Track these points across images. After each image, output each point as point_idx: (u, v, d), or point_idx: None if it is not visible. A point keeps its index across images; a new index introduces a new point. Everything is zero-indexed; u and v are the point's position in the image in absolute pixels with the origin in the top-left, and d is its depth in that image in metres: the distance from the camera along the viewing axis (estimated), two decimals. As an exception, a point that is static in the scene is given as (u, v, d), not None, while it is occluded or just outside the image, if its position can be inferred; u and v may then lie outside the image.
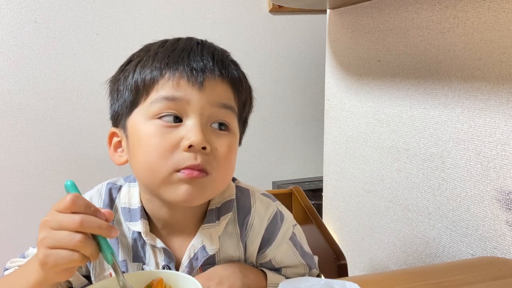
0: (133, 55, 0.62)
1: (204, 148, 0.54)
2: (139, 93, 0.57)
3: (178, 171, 0.54)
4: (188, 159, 0.54)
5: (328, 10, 1.28)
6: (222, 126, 0.58)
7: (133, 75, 0.58)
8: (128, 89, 0.58)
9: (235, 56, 0.64)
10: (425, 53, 0.91)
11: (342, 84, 1.24)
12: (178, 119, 0.55)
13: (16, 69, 1.68)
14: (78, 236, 0.45)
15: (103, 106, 0.63)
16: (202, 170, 0.55)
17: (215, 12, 1.87)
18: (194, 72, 0.55)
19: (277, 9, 1.92)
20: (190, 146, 0.54)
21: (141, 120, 0.57)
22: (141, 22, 1.77)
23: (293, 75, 2.02)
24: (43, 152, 1.75)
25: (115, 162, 0.62)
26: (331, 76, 1.30)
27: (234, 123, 0.60)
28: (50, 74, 1.72)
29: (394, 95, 1.02)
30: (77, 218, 0.46)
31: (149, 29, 1.76)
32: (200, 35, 0.64)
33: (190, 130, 0.54)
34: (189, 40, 0.61)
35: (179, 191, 0.55)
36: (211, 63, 0.57)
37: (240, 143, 0.65)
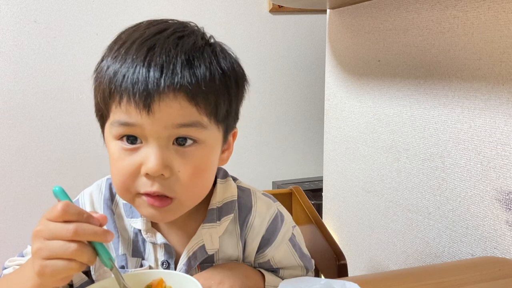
0: (107, 49, 0.57)
1: (163, 174, 0.52)
2: (102, 110, 0.55)
3: (142, 194, 0.54)
4: (144, 185, 0.53)
5: (328, 10, 1.28)
6: (188, 140, 0.53)
7: (96, 87, 0.56)
8: (97, 102, 0.57)
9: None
10: (425, 53, 0.91)
11: (342, 84, 1.24)
12: (139, 140, 0.53)
13: (16, 69, 1.68)
14: (74, 245, 0.45)
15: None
16: (162, 198, 0.53)
17: (215, 12, 1.87)
18: (138, 96, 0.49)
19: (277, 9, 1.92)
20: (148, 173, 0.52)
21: (109, 137, 0.56)
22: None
23: (293, 75, 2.02)
24: (43, 152, 1.75)
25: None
26: (331, 76, 1.30)
27: (202, 135, 0.54)
28: (50, 74, 1.72)
29: (394, 95, 1.02)
30: (71, 227, 0.45)
31: (149, 29, 1.76)
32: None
33: (146, 157, 0.51)
34: (142, 45, 0.52)
35: (147, 213, 0.56)
36: (157, 80, 0.49)
37: (226, 138, 0.60)
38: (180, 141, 0.53)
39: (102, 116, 0.57)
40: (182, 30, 0.55)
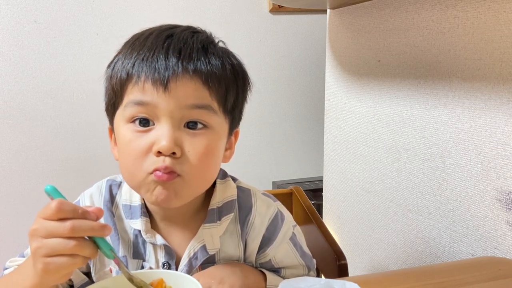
0: (121, 48, 0.60)
1: (174, 153, 0.53)
2: (117, 95, 0.57)
3: (151, 173, 0.54)
4: (156, 162, 0.53)
5: (328, 10, 1.28)
6: (198, 125, 0.56)
7: (111, 75, 0.58)
8: (110, 89, 0.58)
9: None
10: (425, 53, 0.91)
11: (342, 84, 1.24)
12: (151, 122, 0.55)
13: (16, 69, 1.68)
14: (73, 241, 0.45)
15: (103, 106, 0.63)
16: (171, 172, 0.54)
17: (215, 12, 1.87)
18: (157, 74, 0.53)
19: (277, 9, 1.92)
20: (159, 152, 0.53)
21: (120, 123, 0.57)
22: (141, 22, 1.76)
23: (293, 75, 2.02)
24: (43, 152, 1.75)
25: (114, 157, 0.62)
26: (331, 76, 1.30)
27: (212, 120, 0.56)
28: (50, 74, 1.72)
29: (394, 95, 1.02)
30: (67, 225, 0.45)
31: (149, 29, 1.76)
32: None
33: (159, 135, 0.53)
34: (159, 34, 0.57)
35: (154, 194, 0.55)
36: (174, 62, 0.53)
37: (231, 133, 0.63)
38: (191, 125, 0.55)
39: (114, 104, 0.58)
40: (194, 28, 0.61)
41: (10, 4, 1.64)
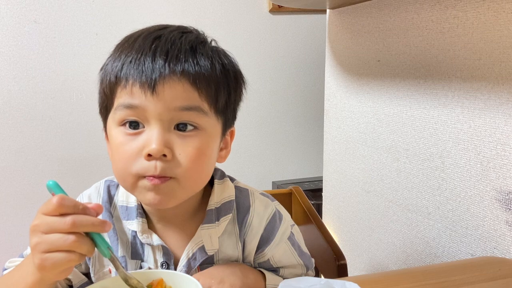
0: (112, 50, 0.60)
1: (164, 155, 0.53)
2: (108, 98, 0.57)
3: (143, 177, 0.54)
4: (148, 168, 0.53)
5: (328, 10, 1.28)
6: (188, 126, 0.55)
7: (103, 78, 0.58)
8: (102, 92, 0.58)
9: (235, 56, 0.62)
10: (425, 53, 0.91)
11: (342, 84, 1.24)
12: (141, 125, 0.54)
13: (16, 69, 1.68)
14: (72, 237, 0.45)
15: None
16: (164, 177, 0.54)
17: (215, 12, 1.87)
18: (144, 77, 0.52)
19: (277, 9, 1.92)
20: (150, 155, 0.53)
21: (112, 126, 0.57)
22: (141, 22, 1.76)
23: (293, 75, 2.02)
24: (43, 152, 1.75)
25: (110, 158, 0.62)
26: (331, 76, 1.31)
27: (203, 121, 0.56)
28: (50, 74, 1.72)
29: (394, 95, 1.02)
30: (68, 219, 0.45)
31: (149, 29, 1.76)
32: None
33: (149, 138, 0.53)
34: (148, 36, 0.56)
35: (147, 197, 0.55)
36: (161, 64, 0.53)
37: (225, 133, 0.62)
38: (181, 127, 0.55)
39: (106, 107, 0.58)
40: (184, 28, 0.60)
41: (10, 4, 1.65)
